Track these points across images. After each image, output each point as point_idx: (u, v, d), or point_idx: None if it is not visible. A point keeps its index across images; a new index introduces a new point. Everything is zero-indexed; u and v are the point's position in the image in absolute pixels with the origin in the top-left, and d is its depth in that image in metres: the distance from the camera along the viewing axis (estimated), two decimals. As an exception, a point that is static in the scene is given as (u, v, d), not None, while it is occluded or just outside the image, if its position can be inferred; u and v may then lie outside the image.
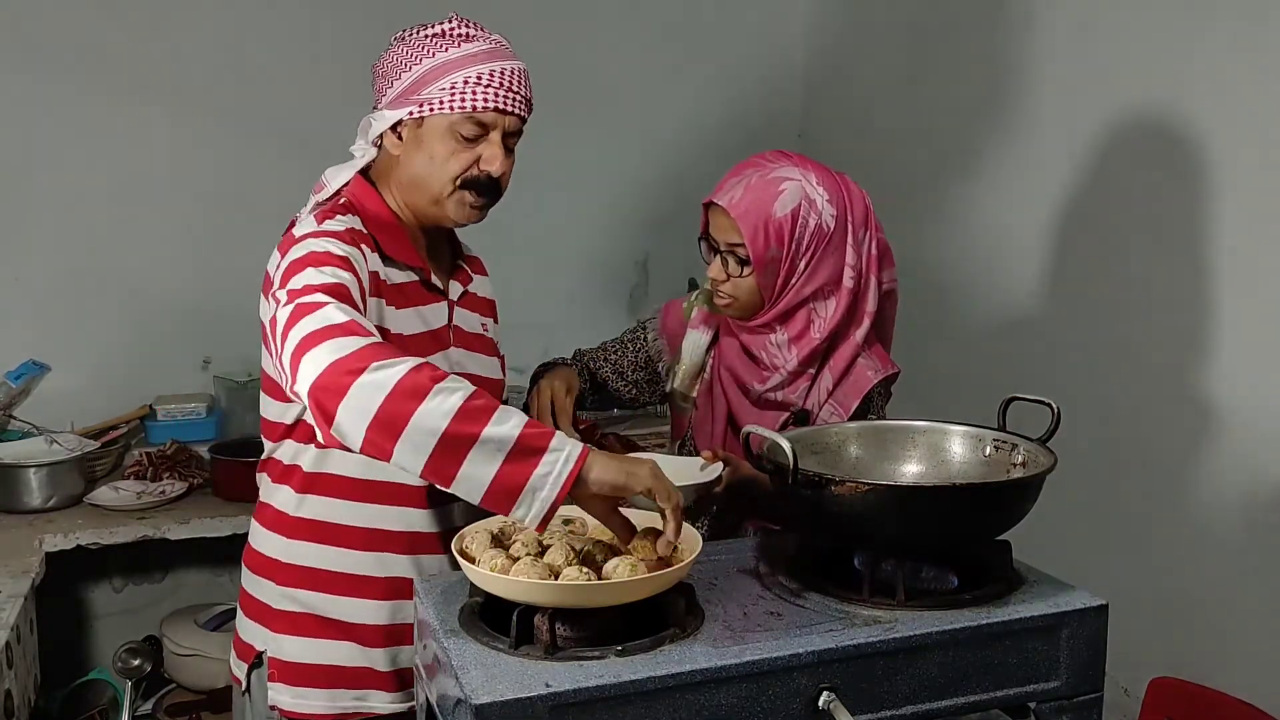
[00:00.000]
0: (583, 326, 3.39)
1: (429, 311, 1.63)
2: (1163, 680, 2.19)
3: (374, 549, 1.61)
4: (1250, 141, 2.11)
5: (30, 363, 2.89)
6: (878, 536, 1.39)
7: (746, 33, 3.51)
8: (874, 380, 1.75)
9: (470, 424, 1.22)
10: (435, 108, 1.53)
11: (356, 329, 1.29)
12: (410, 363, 1.25)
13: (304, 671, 1.61)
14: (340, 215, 1.56)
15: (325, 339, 1.27)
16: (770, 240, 1.67)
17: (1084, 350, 2.51)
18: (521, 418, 1.25)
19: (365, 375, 1.22)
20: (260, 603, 1.66)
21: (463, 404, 1.23)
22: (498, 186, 1.60)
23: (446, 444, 1.22)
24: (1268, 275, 2.09)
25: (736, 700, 1.20)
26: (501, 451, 1.22)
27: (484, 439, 1.22)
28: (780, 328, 1.75)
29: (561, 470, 1.24)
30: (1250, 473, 2.14)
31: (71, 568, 2.74)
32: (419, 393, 1.22)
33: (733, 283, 1.72)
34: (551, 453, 1.24)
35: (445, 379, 1.25)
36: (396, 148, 1.59)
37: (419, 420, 1.21)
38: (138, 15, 2.91)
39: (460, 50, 1.53)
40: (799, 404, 1.75)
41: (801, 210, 1.68)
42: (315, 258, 1.43)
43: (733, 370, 1.79)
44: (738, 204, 1.68)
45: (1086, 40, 2.48)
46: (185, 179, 2.99)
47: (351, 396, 1.22)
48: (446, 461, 1.22)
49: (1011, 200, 2.73)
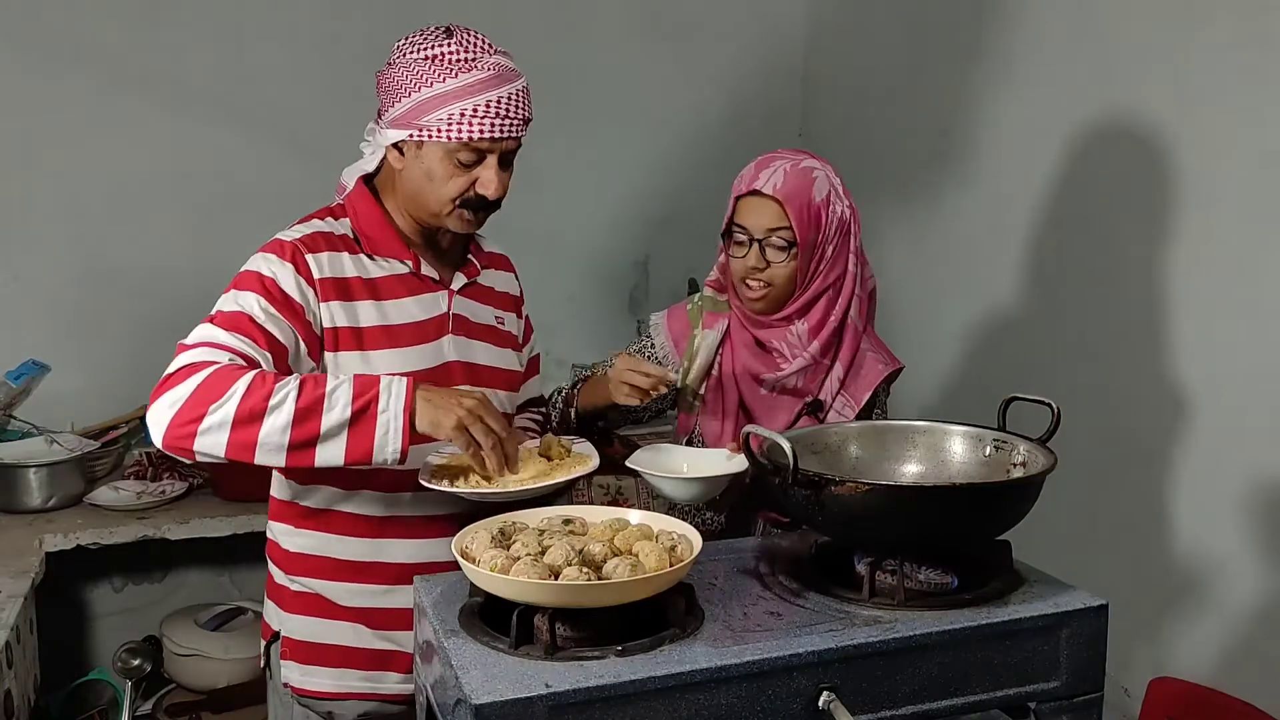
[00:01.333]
0: (583, 326, 3.42)
1: (426, 300, 1.68)
2: (1163, 680, 2.19)
3: (373, 535, 1.66)
4: (1250, 141, 2.11)
5: (30, 363, 2.89)
6: (878, 536, 1.40)
7: (746, 32, 3.52)
8: (884, 373, 1.81)
9: (308, 425, 1.41)
10: (433, 135, 1.57)
11: (201, 367, 1.44)
12: (241, 388, 1.41)
13: (312, 650, 1.69)
14: (319, 219, 1.66)
15: (165, 389, 1.44)
16: (811, 223, 1.72)
17: (1084, 350, 2.51)
18: (347, 393, 1.42)
19: (205, 420, 1.40)
20: (276, 584, 1.75)
21: (295, 410, 1.41)
22: (495, 204, 1.65)
23: (295, 448, 1.42)
24: (1267, 275, 2.09)
25: (736, 700, 1.20)
26: (343, 432, 1.42)
27: (324, 433, 1.42)
28: (800, 319, 1.78)
29: (395, 426, 1.43)
30: (1250, 472, 2.14)
31: (71, 568, 2.74)
32: (255, 416, 1.40)
33: (770, 271, 1.74)
34: (382, 414, 1.43)
35: (272, 391, 1.41)
36: (398, 162, 1.64)
37: (264, 440, 1.41)
38: (138, 15, 2.91)
39: (459, 80, 1.56)
40: (814, 393, 1.78)
41: (831, 198, 1.75)
42: (242, 279, 1.57)
43: (745, 364, 1.81)
44: (782, 188, 1.71)
45: (1085, 39, 2.48)
46: (185, 179, 2.99)
47: (200, 442, 1.41)
48: (301, 456, 1.43)
49: (1011, 199, 2.73)
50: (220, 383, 1.42)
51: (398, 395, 1.44)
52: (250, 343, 1.49)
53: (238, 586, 3.15)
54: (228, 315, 1.52)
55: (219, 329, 1.50)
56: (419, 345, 1.64)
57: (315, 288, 1.59)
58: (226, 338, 1.49)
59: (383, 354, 1.61)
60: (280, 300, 1.55)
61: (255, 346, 1.49)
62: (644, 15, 3.39)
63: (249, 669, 2.74)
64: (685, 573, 1.30)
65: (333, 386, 1.43)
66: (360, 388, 1.44)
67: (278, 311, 1.54)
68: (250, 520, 2.59)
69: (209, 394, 1.41)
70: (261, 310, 1.53)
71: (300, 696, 1.70)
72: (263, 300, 1.54)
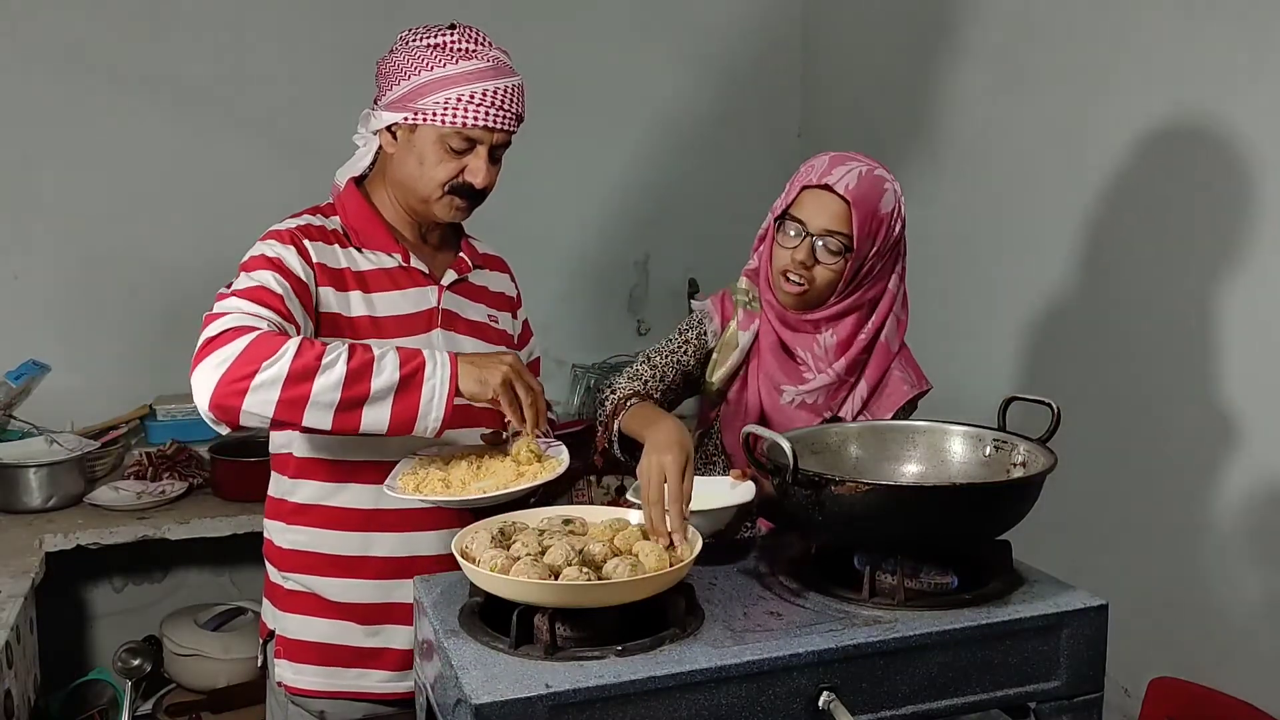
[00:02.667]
0: (582, 326, 3.42)
1: (415, 294, 1.70)
2: (1163, 680, 2.19)
3: (362, 529, 1.67)
4: (1253, 141, 2.11)
5: (30, 363, 2.89)
6: (878, 536, 1.39)
7: (746, 32, 3.51)
8: (909, 394, 1.76)
9: (358, 386, 1.44)
10: (428, 118, 1.61)
11: (245, 331, 1.44)
12: (293, 347, 1.43)
13: (304, 648, 1.70)
14: (309, 215, 1.69)
15: (211, 350, 1.44)
16: (871, 234, 1.68)
17: (1084, 350, 2.52)
18: (395, 360, 1.46)
19: (258, 377, 1.41)
20: (271, 583, 1.76)
21: (346, 371, 1.43)
22: (483, 193, 1.68)
23: (344, 407, 1.44)
24: (1267, 274, 2.09)
25: (736, 700, 1.20)
26: (389, 396, 1.45)
27: (373, 394, 1.44)
28: (829, 328, 1.74)
29: (440, 393, 1.46)
30: (1250, 472, 2.14)
31: (71, 568, 2.74)
32: (308, 374, 1.42)
33: (816, 270, 1.69)
34: (428, 380, 1.46)
35: (324, 351, 1.44)
36: (391, 146, 1.67)
37: (316, 397, 1.43)
38: (138, 16, 2.91)
39: (458, 67, 1.60)
40: (834, 411, 1.75)
41: (895, 213, 1.70)
42: (251, 263, 1.59)
43: (769, 372, 1.77)
44: (854, 189, 1.65)
45: (1086, 37, 2.48)
46: (185, 178, 2.99)
47: (250, 400, 1.42)
48: (348, 419, 1.45)
49: (1011, 199, 2.73)
50: (269, 343, 1.43)
51: (443, 364, 1.48)
52: (277, 314, 1.51)
53: (237, 586, 3.15)
54: (251, 290, 1.53)
55: (246, 300, 1.51)
56: (407, 338, 1.66)
57: (315, 270, 1.62)
58: (257, 308, 1.50)
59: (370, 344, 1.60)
60: (291, 279, 1.58)
61: (282, 319, 1.51)
62: (643, 14, 3.39)
63: (249, 669, 2.75)
64: (685, 573, 1.30)
65: (380, 353, 1.46)
66: (405, 355, 1.47)
67: (290, 289, 1.56)
68: (250, 520, 2.59)
69: (259, 353, 1.42)
70: (279, 285, 1.55)
71: (293, 695, 1.71)
72: (277, 276, 1.56)
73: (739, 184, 3.45)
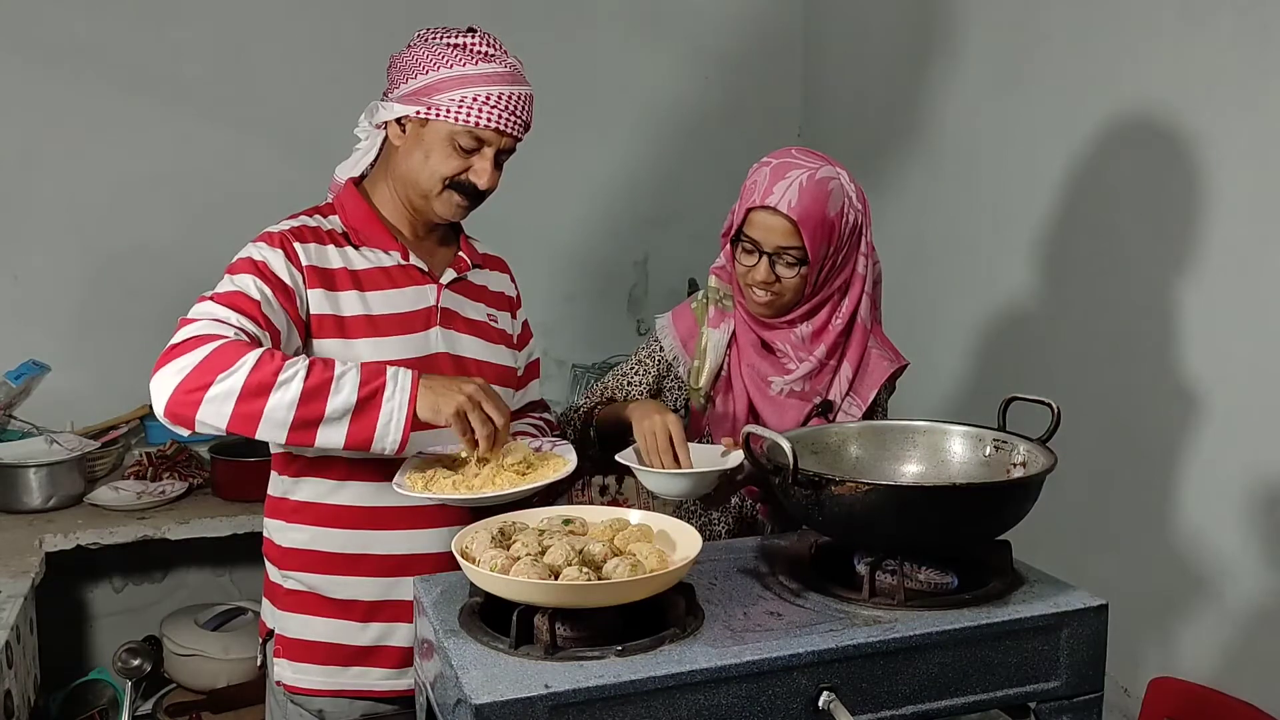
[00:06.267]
0: (582, 326, 3.42)
1: (414, 292, 1.71)
2: (1163, 680, 2.19)
3: (364, 527, 1.67)
4: (1249, 139, 2.11)
5: (30, 363, 2.89)
6: (878, 536, 1.39)
7: (747, 31, 3.52)
8: (889, 370, 1.80)
9: (313, 405, 1.44)
10: (441, 114, 1.62)
11: (209, 339, 1.45)
12: (251, 360, 1.43)
13: (303, 648, 1.70)
14: (306, 216, 1.71)
15: (172, 357, 1.45)
16: (824, 240, 1.69)
17: (1084, 350, 2.52)
18: (354, 379, 1.45)
19: (212, 389, 1.42)
20: (271, 582, 1.77)
21: (302, 389, 1.43)
22: (483, 195, 1.70)
23: (297, 426, 1.45)
24: (1267, 274, 2.09)
25: (736, 700, 1.20)
26: (346, 417, 1.45)
27: (328, 415, 1.45)
28: (804, 322, 1.77)
29: (399, 416, 1.46)
30: (1251, 471, 2.14)
31: (71, 568, 2.74)
32: (263, 389, 1.43)
33: (780, 284, 1.71)
34: (387, 402, 1.46)
35: (282, 367, 1.43)
36: (398, 139, 1.68)
37: (270, 414, 1.43)
38: (138, 15, 2.91)
39: (478, 69, 1.63)
40: (822, 395, 1.78)
41: (845, 208, 1.71)
42: (235, 265, 1.60)
43: (752, 365, 1.80)
44: (796, 207, 1.66)
45: (1086, 37, 2.48)
46: (186, 179, 2.99)
47: (204, 410, 1.43)
48: (302, 436, 1.45)
49: (1011, 199, 2.73)
50: (229, 354, 1.44)
51: (403, 387, 1.47)
52: (251, 321, 1.52)
53: (237, 586, 3.16)
54: (227, 295, 1.55)
55: (220, 306, 1.53)
56: (405, 335, 1.66)
57: (303, 274, 1.62)
58: (229, 314, 1.51)
59: (366, 342, 1.63)
60: (274, 283, 1.58)
61: (256, 325, 1.52)
62: (644, 14, 3.39)
63: (249, 669, 2.75)
64: (685, 573, 1.30)
65: (340, 371, 1.46)
66: (367, 375, 1.47)
67: (272, 294, 1.57)
68: (250, 520, 2.60)
69: (217, 364, 1.43)
70: (258, 291, 1.56)
71: (293, 695, 1.71)
72: (259, 281, 1.57)
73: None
